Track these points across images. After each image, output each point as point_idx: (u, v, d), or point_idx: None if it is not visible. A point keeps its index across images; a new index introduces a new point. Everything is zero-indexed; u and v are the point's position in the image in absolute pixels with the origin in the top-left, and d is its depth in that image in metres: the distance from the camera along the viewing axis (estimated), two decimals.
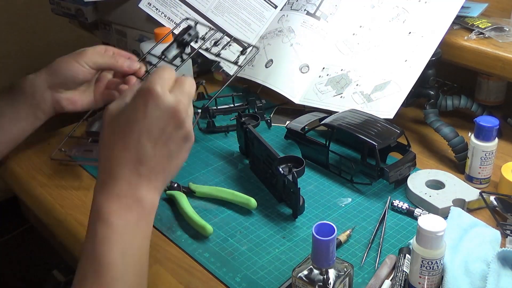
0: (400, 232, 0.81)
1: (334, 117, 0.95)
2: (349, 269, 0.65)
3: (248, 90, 1.18)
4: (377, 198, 0.88)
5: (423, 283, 0.67)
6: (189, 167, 0.97)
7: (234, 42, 1.08)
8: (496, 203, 0.83)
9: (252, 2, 1.27)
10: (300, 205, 0.84)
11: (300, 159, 0.84)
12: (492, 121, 0.86)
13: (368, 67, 1.08)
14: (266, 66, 1.19)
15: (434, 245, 0.65)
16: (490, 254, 0.71)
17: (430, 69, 1.02)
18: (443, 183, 0.88)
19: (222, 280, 0.73)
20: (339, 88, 1.09)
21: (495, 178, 0.90)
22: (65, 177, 0.96)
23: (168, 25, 1.21)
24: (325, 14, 1.20)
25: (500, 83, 1.11)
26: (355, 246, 0.78)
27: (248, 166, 0.97)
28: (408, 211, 0.84)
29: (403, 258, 0.73)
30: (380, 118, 0.94)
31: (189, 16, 1.21)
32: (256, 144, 0.91)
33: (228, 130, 1.08)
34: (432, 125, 0.98)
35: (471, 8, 1.13)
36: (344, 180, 0.92)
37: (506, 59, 0.99)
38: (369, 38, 1.12)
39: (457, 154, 0.94)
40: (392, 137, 0.89)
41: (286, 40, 1.19)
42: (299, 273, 0.65)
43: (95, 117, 1.08)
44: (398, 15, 1.11)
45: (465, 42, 1.05)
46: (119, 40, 1.43)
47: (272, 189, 0.90)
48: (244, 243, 0.80)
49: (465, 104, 1.05)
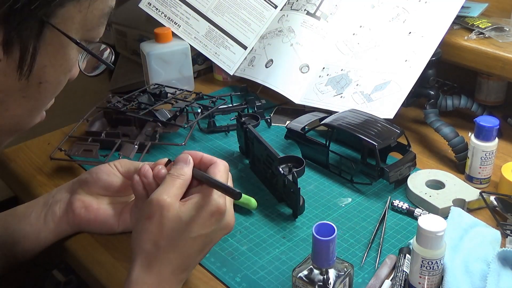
0: (400, 232, 0.81)
1: (334, 117, 0.95)
2: (349, 269, 0.65)
3: (247, 89, 1.18)
4: (377, 198, 0.88)
5: (423, 283, 0.67)
6: None
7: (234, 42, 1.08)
8: (496, 203, 0.83)
9: (252, 2, 1.27)
10: (300, 205, 0.84)
11: (300, 159, 0.84)
12: (492, 121, 0.86)
13: (368, 67, 1.08)
14: (266, 66, 1.19)
15: (434, 245, 0.65)
16: (490, 254, 0.71)
17: (430, 69, 1.02)
18: (443, 183, 0.88)
19: (222, 280, 0.73)
20: (339, 88, 1.08)
21: (495, 178, 0.90)
22: (65, 177, 0.95)
23: (168, 25, 1.21)
24: (325, 14, 1.20)
25: (500, 83, 1.11)
26: (355, 246, 0.78)
27: (248, 166, 0.97)
28: (408, 211, 0.84)
29: (403, 258, 0.73)
30: (380, 118, 0.94)
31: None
32: (256, 144, 0.91)
33: (228, 130, 1.08)
34: (432, 125, 0.98)
35: (471, 8, 1.13)
36: (344, 180, 0.92)
37: (506, 59, 0.99)
38: (369, 38, 1.12)
39: (457, 154, 0.94)
40: (392, 137, 0.89)
41: (286, 40, 1.19)
42: (299, 273, 0.65)
43: (95, 117, 1.09)
44: (398, 15, 1.10)
45: (465, 42, 1.05)
46: (119, 40, 1.43)
47: (272, 189, 0.89)
48: (244, 243, 0.80)
49: (465, 104, 1.05)
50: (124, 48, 1.42)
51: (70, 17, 0.49)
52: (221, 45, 1.24)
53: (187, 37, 1.22)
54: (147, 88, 1.13)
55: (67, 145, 1.00)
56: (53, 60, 0.51)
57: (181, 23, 1.23)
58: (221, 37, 1.24)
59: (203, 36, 1.24)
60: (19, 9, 0.45)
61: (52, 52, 0.50)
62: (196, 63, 1.30)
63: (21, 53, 0.48)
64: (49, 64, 0.51)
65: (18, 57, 0.48)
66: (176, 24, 1.22)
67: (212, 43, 1.24)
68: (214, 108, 1.07)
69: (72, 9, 0.49)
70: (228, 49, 1.25)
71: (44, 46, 0.49)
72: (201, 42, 1.23)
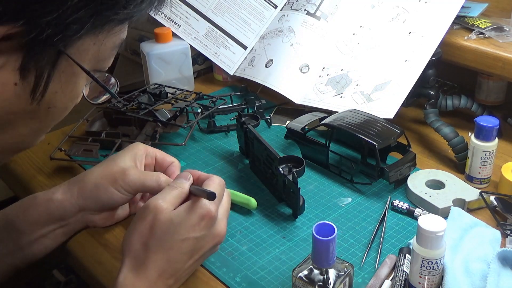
0: (400, 232, 0.81)
1: (334, 117, 0.95)
2: (349, 269, 0.65)
3: (247, 89, 1.18)
4: (377, 198, 0.88)
5: (423, 283, 0.67)
6: (189, 167, 0.97)
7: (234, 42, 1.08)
8: (496, 203, 0.83)
9: (252, 2, 1.27)
10: (300, 205, 0.84)
11: (300, 159, 0.84)
12: (492, 121, 0.86)
13: (368, 67, 1.08)
14: (266, 66, 1.19)
15: (434, 245, 0.65)
16: (490, 254, 0.71)
17: (430, 69, 1.02)
18: (443, 183, 0.88)
19: (222, 280, 0.73)
20: (339, 88, 1.08)
21: (495, 178, 0.90)
22: (65, 177, 0.95)
23: (168, 25, 1.21)
24: (325, 14, 1.20)
25: (500, 83, 1.11)
26: (355, 246, 0.78)
27: (248, 166, 0.97)
28: (408, 211, 0.84)
29: (403, 258, 0.73)
30: (380, 118, 0.94)
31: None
32: (256, 144, 0.91)
33: (228, 130, 1.08)
34: (432, 125, 0.98)
35: (471, 8, 1.13)
36: (344, 180, 0.92)
37: (506, 59, 0.99)
38: (369, 38, 1.12)
39: (457, 154, 0.94)
40: (392, 137, 0.89)
41: (286, 40, 1.19)
42: (299, 273, 0.65)
43: (95, 117, 1.09)
44: (398, 15, 1.10)
45: (465, 42, 1.05)
46: None
47: (272, 189, 0.90)
48: (244, 243, 0.80)
49: (465, 104, 1.05)
50: (124, 48, 1.42)
51: (85, 49, 0.52)
52: (221, 45, 1.24)
53: (187, 37, 1.22)
54: (147, 88, 1.13)
55: (67, 145, 1.00)
56: (64, 87, 0.53)
57: (181, 23, 1.23)
58: (221, 37, 1.24)
59: (203, 36, 1.24)
60: (43, 39, 0.47)
61: (65, 80, 0.52)
62: (196, 63, 1.30)
63: (36, 79, 0.50)
64: (60, 90, 0.53)
65: (33, 83, 0.50)
66: (176, 24, 1.22)
67: (212, 43, 1.24)
68: (214, 108, 1.07)
69: (88, 42, 0.51)
70: (228, 49, 1.25)
71: (57, 74, 0.51)
72: (201, 42, 1.23)
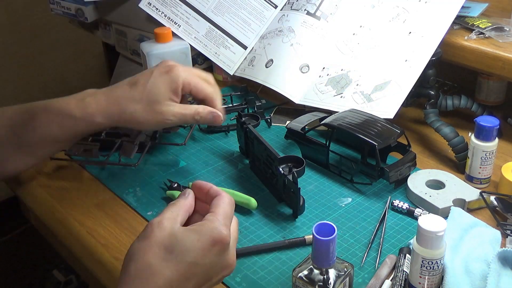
0: (400, 232, 0.81)
1: (334, 117, 0.95)
2: (349, 269, 0.65)
3: (247, 89, 1.18)
4: (377, 198, 0.88)
5: (423, 283, 0.67)
6: (189, 167, 0.97)
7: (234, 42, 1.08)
8: (496, 203, 0.83)
9: (252, 2, 1.27)
10: (300, 205, 0.84)
11: (300, 159, 0.84)
12: (492, 121, 0.86)
13: (368, 67, 1.08)
14: (266, 66, 1.19)
15: (434, 245, 0.65)
16: (490, 254, 0.71)
17: (430, 69, 1.02)
18: (443, 183, 0.88)
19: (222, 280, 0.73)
20: (339, 88, 1.09)
21: (495, 178, 0.90)
22: (65, 177, 0.96)
23: (168, 25, 1.21)
24: (325, 14, 1.20)
25: (500, 83, 1.11)
26: (355, 246, 0.78)
27: (248, 166, 0.97)
28: (408, 211, 0.84)
29: (403, 258, 0.73)
30: (380, 118, 0.94)
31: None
32: (256, 144, 0.91)
33: (228, 130, 1.08)
34: (432, 125, 0.98)
35: (471, 8, 1.13)
36: (344, 180, 0.92)
37: (506, 59, 0.99)
38: (370, 38, 1.12)
39: (457, 154, 0.94)
40: (392, 137, 0.89)
41: (286, 40, 1.19)
42: (299, 273, 0.65)
43: None
44: (398, 15, 1.10)
45: (465, 42, 1.05)
46: (119, 40, 1.43)
47: (272, 189, 0.90)
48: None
49: (465, 104, 1.05)
50: (124, 48, 1.42)
51: None
52: (221, 45, 1.24)
53: (187, 37, 1.23)
54: None
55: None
56: None
57: (181, 23, 1.23)
58: (221, 37, 1.24)
59: (203, 36, 1.24)
60: None
61: None
62: (196, 63, 1.30)
63: None
64: None
65: None
66: (176, 24, 1.23)
67: (212, 43, 1.24)
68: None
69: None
70: (228, 49, 1.25)
71: None
72: (201, 42, 1.23)
